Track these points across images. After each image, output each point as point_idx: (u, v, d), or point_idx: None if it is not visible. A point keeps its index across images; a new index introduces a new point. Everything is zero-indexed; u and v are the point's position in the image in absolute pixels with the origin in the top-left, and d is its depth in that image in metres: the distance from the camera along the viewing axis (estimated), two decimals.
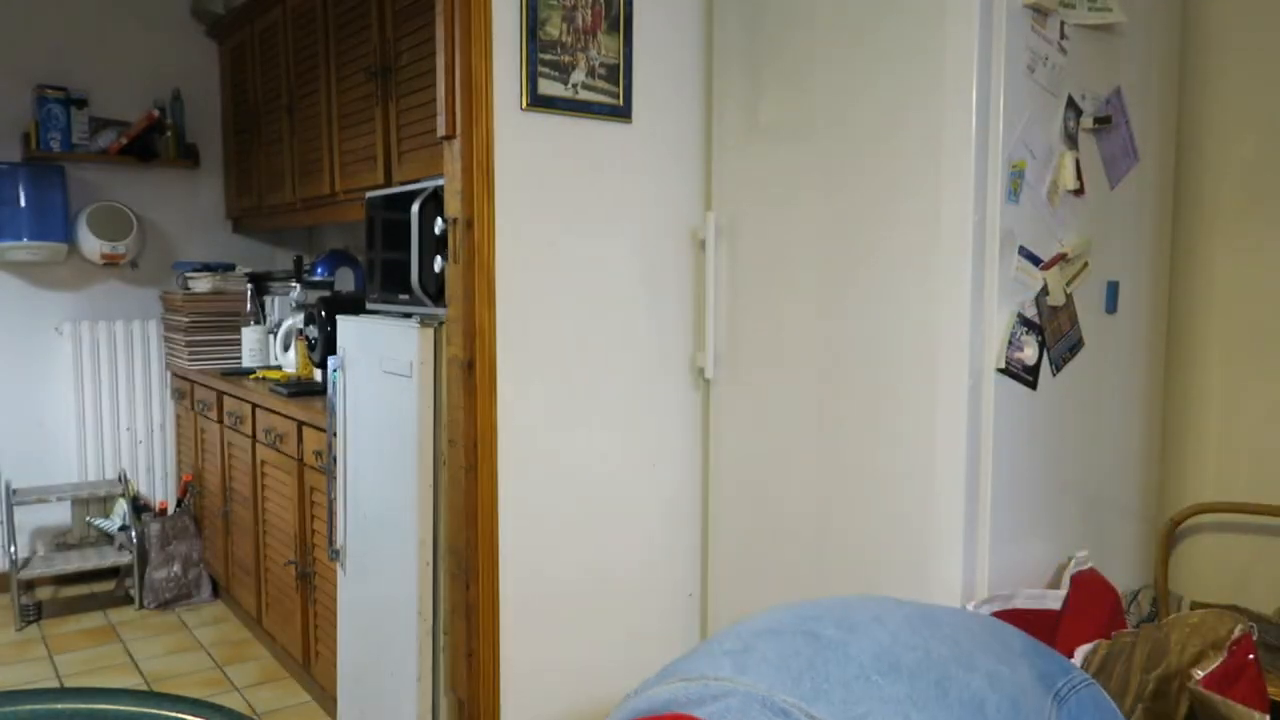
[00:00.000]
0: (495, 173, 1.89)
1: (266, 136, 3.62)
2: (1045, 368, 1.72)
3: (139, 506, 3.84)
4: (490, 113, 1.87)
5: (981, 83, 1.61)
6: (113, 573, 3.83)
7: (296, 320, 3.27)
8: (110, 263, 3.88)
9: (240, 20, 3.74)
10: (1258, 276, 2.23)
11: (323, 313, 2.78)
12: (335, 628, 2.53)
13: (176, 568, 3.69)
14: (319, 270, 3.44)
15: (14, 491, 3.69)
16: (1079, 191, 1.79)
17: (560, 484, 2.04)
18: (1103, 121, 1.89)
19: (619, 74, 2.02)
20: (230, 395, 3.32)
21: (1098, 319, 1.84)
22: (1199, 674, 1.88)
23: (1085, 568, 1.75)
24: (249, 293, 3.73)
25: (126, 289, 4.03)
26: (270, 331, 3.61)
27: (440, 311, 2.10)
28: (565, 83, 1.95)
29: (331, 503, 2.47)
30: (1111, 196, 1.90)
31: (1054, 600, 1.67)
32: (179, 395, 3.95)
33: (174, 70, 4.04)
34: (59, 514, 3.90)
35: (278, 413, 2.90)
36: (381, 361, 2.20)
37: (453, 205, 1.91)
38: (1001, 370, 1.64)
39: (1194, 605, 2.12)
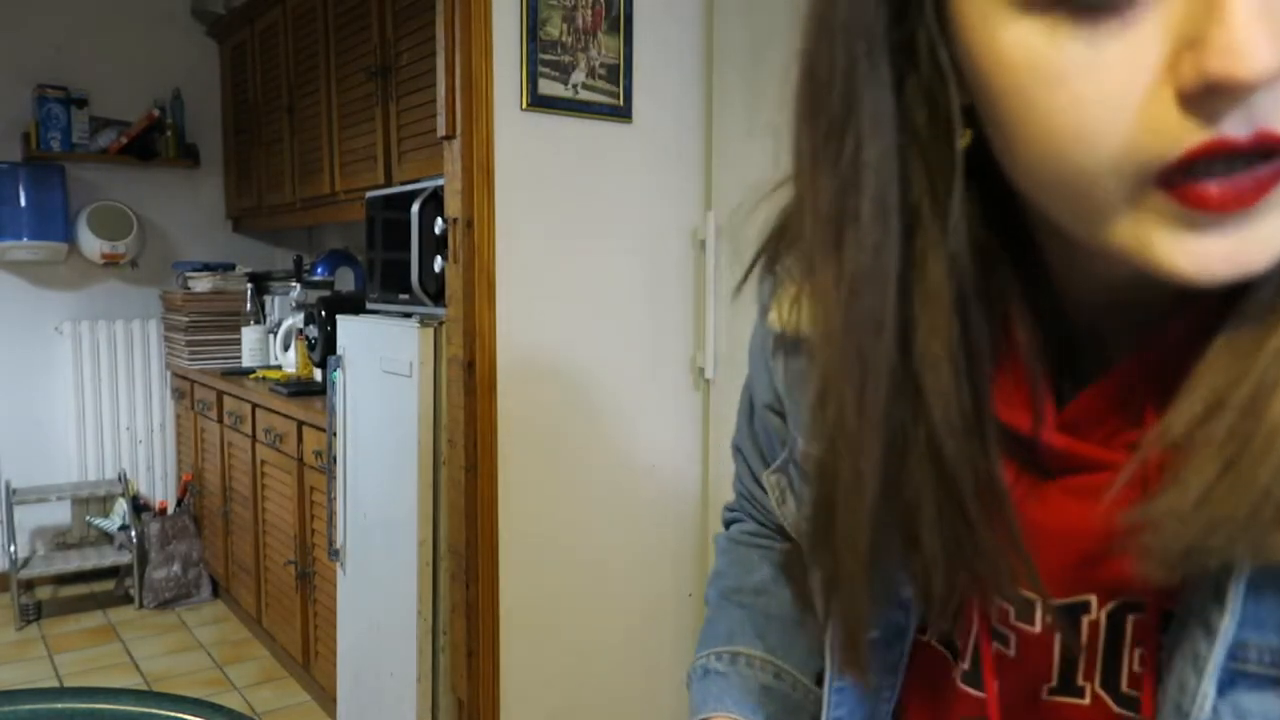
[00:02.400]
0: (495, 173, 1.89)
1: (266, 136, 3.62)
2: None
3: (139, 506, 3.84)
4: (490, 113, 1.87)
5: None
6: (113, 572, 3.82)
7: (296, 320, 3.27)
8: (110, 262, 3.88)
9: (240, 20, 3.74)
10: None
11: (323, 312, 2.78)
12: (335, 628, 2.53)
13: (176, 567, 3.69)
14: (319, 270, 3.44)
15: (14, 491, 3.69)
16: None
17: (560, 484, 2.04)
18: None
19: (619, 74, 2.03)
20: (230, 395, 3.32)
21: None
22: None
23: None
24: (249, 292, 3.73)
25: (126, 289, 4.02)
26: (270, 331, 3.61)
27: (440, 311, 2.10)
28: (565, 83, 1.95)
29: (331, 503, 2.47)
30: None
31: None
32: (179, 395, 3.95)
33: (174, 70, 4.04)
34: (59, 514, 3.90)
35: (278, 412, 2.90)
36: (381, 361, 2.21)
37: (453, 205, 1.91)
38: None
39: None
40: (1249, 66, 0.30)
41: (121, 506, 3.80)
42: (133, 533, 3.65)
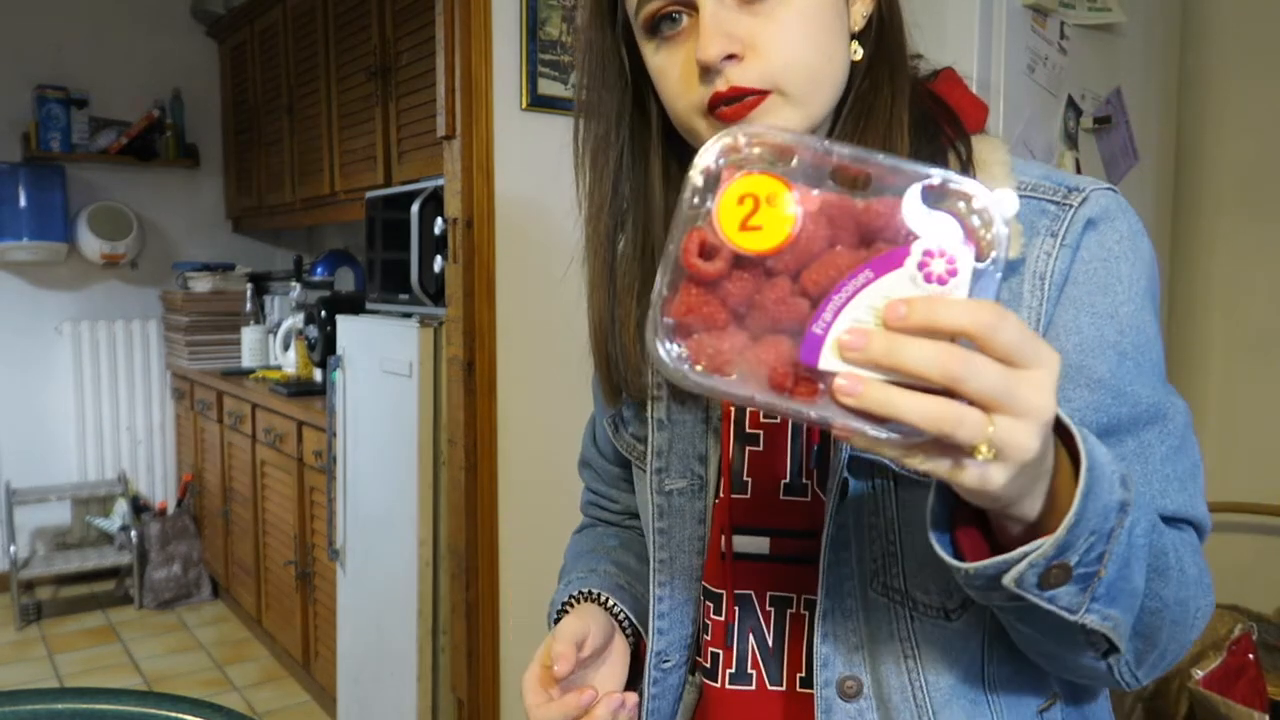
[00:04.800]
0: (495, 173, 1.89)
1: (266, 136, 3.62)
2: None
3: (139, 506, 3.84)
4: (490, 113, 1.87)
5: (981, 83, 1.61)
6: (113, 573, 3.83)
7: (296, 320, 3.27)
8: (110, 263, 3.88)
9: (240, 20, 3.74)
10: (1257, 275, 2.23)
11: (323, 313, 2.78)
12: (335, 628, 2.53)
13: (176, 568, 3.69)
14: (319, 270, 3.44)
15: (14, 491, 3.69)
16: None
17: (560, 484, 2.04)
18: (1103, 121, 1.89)
19: None
20: (230, 395, 3.32)
21: None
22: (1198, 674, 1.88)
23: None
24: (249, 293, 3.73)
25: (126, 289, 4.02)
26: (270, 331, 3.61)
27: (440, 311, 2.10)
28: (565, 82, 1.95)
29: (331, 503, 2.47)
30: None
31: None
32: (179, 395, 3.95)
33: (174, 70, 4.04)
34: (59, 514, 3.90)
35: (278, 413, 2.90)
36: (381, 361, 2.21)
37: (453, 205, 1.91)
38: None
39: None
40: (707, 55, 0.62)
41: (121, 507, 3.80)
42: (133, 533, 3.65)
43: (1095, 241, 0.66)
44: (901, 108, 0.68)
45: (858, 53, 0.69)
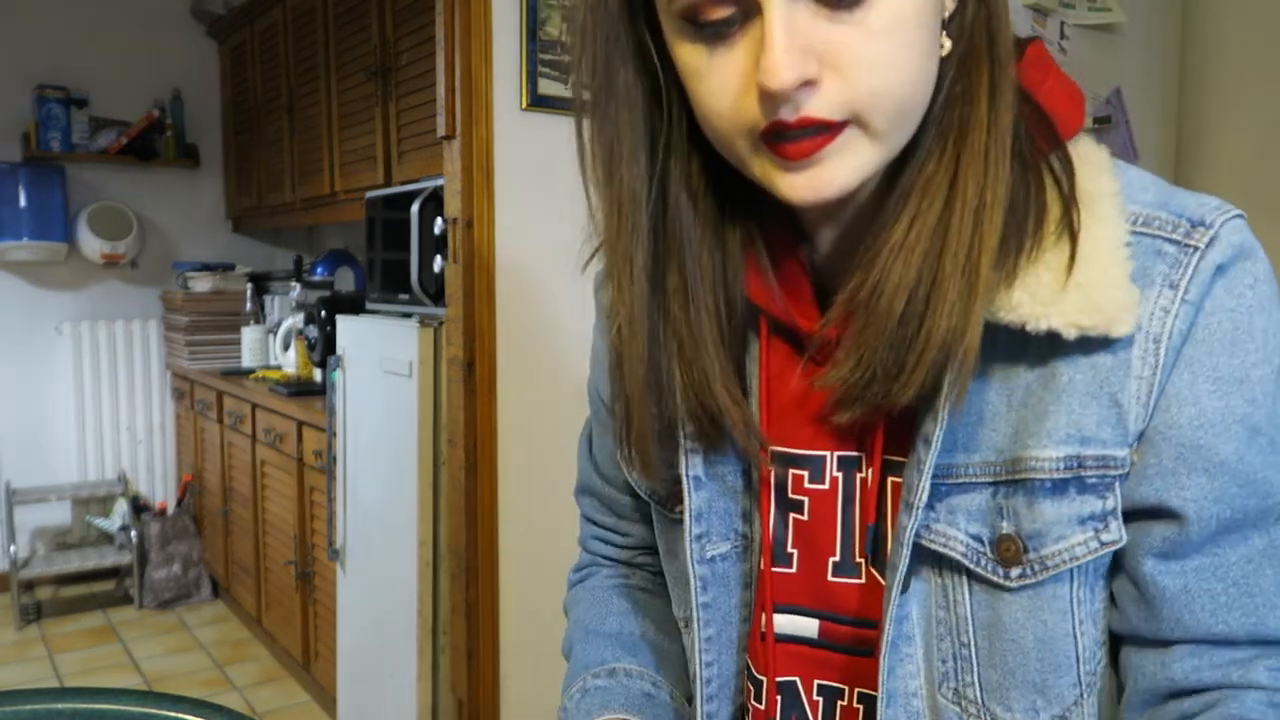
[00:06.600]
0: (495, 173, 1.89)
1: (266, 136, 3.62)
2: None
3: (139, 506, 3.84)
4: (490, 113, 1.87)
5: None
6: (113, 573, 3.83)
7: (296, 320, 3.27)
8: (110, 263, 3.88)
9: (240, 20, 3.74)
10: None
11: (323, 313, 2.78)
12: (335, 628, 2.53)
13: (176, 568, 3.69)
14: (319, 270, 3.44)
15: (14, 491, 3.69)
16: None
17: (559, 484, 2.04)
18: (1102, 121, 1.89)
19: None
20: (230, 395, 3.32)
21: None
22: None
23: None
24: (249, 293, 3.73)
25: (126, 289, 4.02)
26: (270, 331, 3.61)
27: (440, 311, 2.10)
28: (565, 82, 1.95)
29: (331, 503, 2.47)
30: None
31: None
32: (179, 395, 3.95)
33: (174, 70, 4.04)
34: (59, 514, 3.90)
35: (278, 412, 2.90)
36: (381, 361, 2.21)
37: (453, 205, 1.91)
38: None
39: None
40: (777, 81, 0.48)
41: (121, 507, 3.80)
42: (133, 533, 3.65)
43: (1223, 289, 0.53)
44: (1005, 130, 0.52)
45: (945, 46, 0.53)
